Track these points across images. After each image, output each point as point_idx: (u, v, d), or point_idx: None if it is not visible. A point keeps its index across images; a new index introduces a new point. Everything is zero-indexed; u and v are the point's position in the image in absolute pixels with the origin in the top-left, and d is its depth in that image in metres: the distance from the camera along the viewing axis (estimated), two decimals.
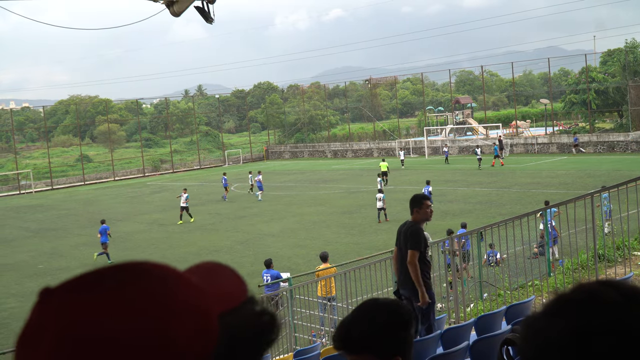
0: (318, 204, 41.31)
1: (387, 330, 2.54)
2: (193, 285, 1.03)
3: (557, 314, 1.13)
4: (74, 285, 0.96)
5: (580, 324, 1.09)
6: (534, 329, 1.15)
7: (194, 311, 0.98)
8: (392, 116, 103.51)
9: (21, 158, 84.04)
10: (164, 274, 1.02)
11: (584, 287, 1.16)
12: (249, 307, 1.13)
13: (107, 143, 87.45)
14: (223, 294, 1.10)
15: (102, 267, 0.99)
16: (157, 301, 0.95)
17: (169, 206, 46.59)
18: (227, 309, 1.08)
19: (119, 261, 1.02)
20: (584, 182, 39.88)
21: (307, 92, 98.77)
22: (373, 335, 2.52)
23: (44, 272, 29.05)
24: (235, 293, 1.13)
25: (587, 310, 1.10)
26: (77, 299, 0.94)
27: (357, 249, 26.72)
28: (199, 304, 1.00)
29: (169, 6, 10.90)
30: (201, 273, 1.13)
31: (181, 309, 0.97)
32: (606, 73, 68.22)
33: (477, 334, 8.21)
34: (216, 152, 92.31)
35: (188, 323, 0.96)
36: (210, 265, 1.17)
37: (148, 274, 1.00)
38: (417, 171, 55.56)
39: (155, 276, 1.00)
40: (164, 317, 0.94)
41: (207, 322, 1.00)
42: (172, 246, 32.23)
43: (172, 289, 0.99)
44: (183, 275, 1.05)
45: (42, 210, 51.96)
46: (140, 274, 0.99)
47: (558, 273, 14.27)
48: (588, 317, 1.09)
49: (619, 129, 65.37)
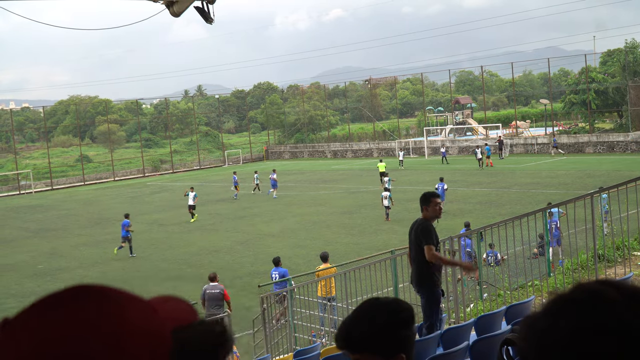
0: (318, 204, 41.32)
1: (388, 329, 2.55)
2: (147, 306, 1.09)
3: (558, 313, 1.13)
4: (31, 313, 1.00)
5: (581, 323, 1.09)
6: (534, 329, 1.15)
7: (147, 329, 1.03)
8: (392, 116, 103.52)
9: (21, 158, 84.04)
10: (118, 296, 1.06)
11: (583, 287, 1.16)
12: (198, 326, 1.23)
13: (107, 143, 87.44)
14: (174, 316, 1.17)
15: (59, 291, 1.04)
16: (111, 321, 0.99)
17: (168, 206, 46.60)
18: (179, 326, 1.16)
19: (76, 284, 1.05)
20: (583, 182, 39.89)
21: (307, 93, 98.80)
22: (374, 334, 2.53)
23: (43, 272, 29.05)
24: (185, 315, 1.21)
25: (587, 310, 1.10)
26: (33, 326, 0.98)
27: (357, 249, 26.73)
28: (152, 322, 1.06)
29: (169, 6, 10.90)
30: (157, 301, 1.19)
31: (134, 327, 1.01)
32: (606, 73, 68.21)
33: (477, 334, 8.21)
34: (216, 152, 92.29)
35: (141, 339, 1.01)
36: (162, 296, 1.24)
37: (102, 297, 1.03)
38: (417, 171, 55.55)
39: (109, 298, 1.04)
40: (117, 336, 0.98)
41: (159, 338, 1.05)
42: (172, 246, 32.23)
43: (126, 309, 1.03)
44: (137, 297, 1.10)
45: (42, 210, 51.96)
46: (94, 296, 1.03)
47: (558, 273, 14.27)
48: (588, 317, 1.09)
49: (618, 129, 65.39)
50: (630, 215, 12.08)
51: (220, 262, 27.74)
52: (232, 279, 24.74)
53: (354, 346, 2.56)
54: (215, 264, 27.33)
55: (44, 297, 1.03)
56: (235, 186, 48.54)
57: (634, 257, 13.88)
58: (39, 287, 26.18)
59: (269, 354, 15.24)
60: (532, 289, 13.07)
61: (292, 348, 15.09)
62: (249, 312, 19.57)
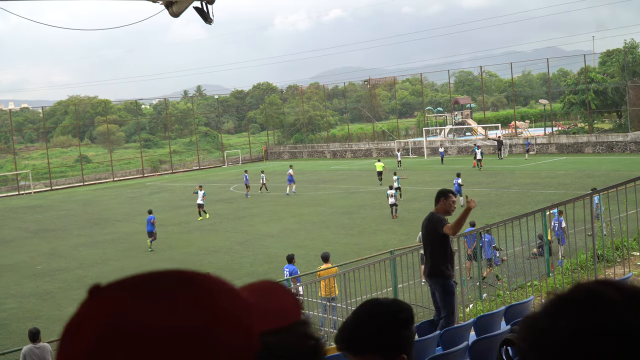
0: (317, 205, 41.32)
1: (388, 330, 2.55)
2: (240, 300, 1.05)
3: (557, 313, 1.13)
4: (123, 285, 0.99)
5: (581, 323, 1.09)
6: (533, 329, 1.15)
7: (236, 324, 1.00)
8: (391, 117, 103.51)
9: (20, 159, 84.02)
10: (213, 286, 1.03)
11: (583, 287, 1.16)
12: (297, 329, 1.16)
13: (106, 144, 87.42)
14: (273, 313, 1.12)
15: (154, 272, 1.02)
16: (201, 309, 0.97)
17: (168, 207, 46.59)
18: (274, 328, 1.10)
19: (176, 268, 1.04)
20: (583, 182, 39.89)
21: (306, 93, 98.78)
22: (375, 335, 2.53)
23: (42, 272, 29.04)
24: (286, 313, 1.14)
25: (587, 310, 1.10)
26: (123, 297, 0.97)
27: (356, 250, 26.73)
28: (242, 318, 1.02)
29: (168, 7, 10.90)
30: (256, 291, 1.15)
31: (224, 320, 0.99)
32: (605, 73, 68.23)
33: (477, 334, 8.21)
34: (215, 152, 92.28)
35: (228, 334, 0.98)
36: (267, 284, 1.19)
37: (197, 284, 1.01)
38: (416, 172, 55.54)
39: (203, 286, 1.01)
40: (204, 324, 0.96)
41: (248, 336, 1.01)
42: (172, 247, 32.23)
43: (218, 300, 1.01)
44: (232, 289, 1.07)
45: (41, 210, 51.96)
46: (189, 282, 1.01)
47: (557, 273, 14.28)
48: (588, 317, 1.09)
49: (617, 129, 65.41)
50: (629, 215, 12.08)
51: (220, 263, 27.75)
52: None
53: (355, 348, 2.57)
54: (215, 264, 27.34)
55: (139, 274, 1.02)
56: (246, 185, 48.81)
57: (633, 257, 13.89)
58: (38, 288, 26.19)
59: None
60: (532, 289, 13.08)
61: None
62: None
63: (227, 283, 1.07)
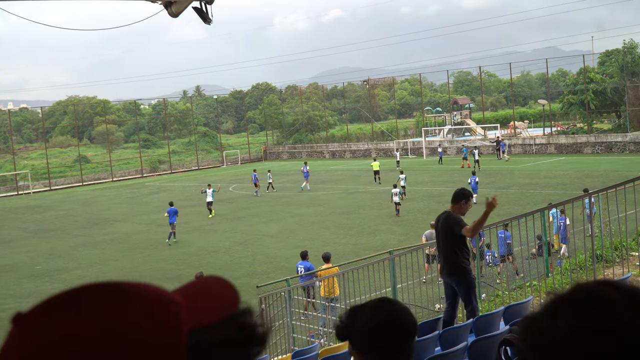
0: (316, 205, 41.32)
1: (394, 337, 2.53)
2: (163, 303, 1.06)
3: (557, 314, 1.13)
4: (43, 309, 1.01)
5: (580, 323, 1.09)
6: (533, 330, 1.15)
7: (158, 326, 1.01)
8: (390, 117, 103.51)
9: (19, 159, 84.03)
10: (130, 294, 1.04)
11: (582, 287, 1.16)
12: (235, 321, 1.16)
13: (105, 144, 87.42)
14: (208, 308, 1.12)
15: (74, 288, 1.03)
16: (118, 318, 0.99)
17: (167, 207, 46.54)
18: (208, 323, 1.10)
19: (94, 282, 1.05)
20: (582, 182, 39.85)
21: (305, 93, 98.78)
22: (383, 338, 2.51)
23: (42, 273, 29.03)
24: (222, 307, 1.15)
25: (586, 310, 1.10)
26: (45, 321, 0.99)
27: (355, 250, 26.73)
28: (166, 319, 1.03)
29: (167, 7, 10.90)
30: (192, 288, 1.16)
31: (143, 325, 1.00)
32: (604, 74, 68.26)
33: (476, 335, 8.21)
34: (214, 152, 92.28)
35: (150, 337, 1.00)
36: (204, 280, 1.20)
37: (112, 294, 1.03)
38: (415, 172, 55.53)
39: (119, 296, 1.03)
40: (123, 332, 0.98)
41: (173, 336, 1.03)
42: (171, 247, 32.23)
43: (135, 307, 1.02)
44: (154, 293, 1.07)
45: (40, 211, 51.94)
46: (105, 294, 1.02)
47: (556, 273, 14.27)
48: (588, 317, 1.09)
49: (617, 129, 65.44)
50: (628, 215, 12.09)
51: (219, 263, 27.75)
52: (231, 279, 24.51)
53: (357, 344, 2.55)
54: (214, 265, 27.34)
55: (57, 295, 1.03)
56: (255, 183, 49.27)
57: (632, 257, 13.88)
58: (38, 288, 26.17)
59: (267, 354, 15.24)
60: (531, 289, 13.08)
61: (290, 349, 15.08)
62: None
63: (148, 288, 1.08)
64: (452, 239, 9.95)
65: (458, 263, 9.95)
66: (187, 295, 1.12)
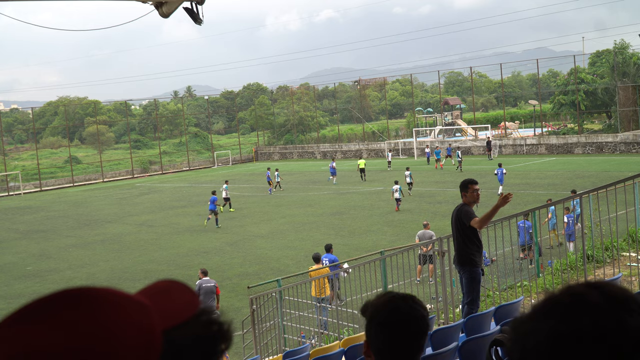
0: (307, 205, 41.31)
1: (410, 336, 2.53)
2: (135, 306, 1.08)
3: (544, 316, 1.14)
4: (13, 320, 1.02)
5: (560, 327, 1.11)
6: (521, 331, 1.16)
7: (135, 328, 1.04)
8: (381, 117, 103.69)
9: (10, 160, 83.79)
10: (103, 297, 1.05)
11: (570, 290, 1.16)
12: (200, 319, 1.19)
13: (96, 144, 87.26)
14: (172, 310, 1.15)
15: (42, 297, 1.05)
16: (96, 323, 1.00)
17: (158, 207, 46.51)
18: (176, 323, 1.14)
19: (61, 289, 1.06)
20: (573, 183, 40.00)
21: (296, 94, 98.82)
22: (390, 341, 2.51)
23: (32, 274, 28.93)
24: (185, 308, 1.18)
25: (567, 314, 1.11)
26: (16, 331, 1.00)
27: (346, 250, 26.71)
28: (140, 321, 1.05)
29: (158, 7, 10.87)
30: (152, 292, 1.18)
31: (120, 328, 1.02)
32: (595, 74, 68.49)
33: (467, 335, 8.22)
34: (205, 153, 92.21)
35: (128, 340, 1.02)
36: (163, 283, 1.22)
37: (86, 299, 1.04)
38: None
39: (93, 300, 1.04)
40: (102, 337, 0.99)
41: (149, 337, 1.05)
42: (161, 248, 32.16)
43: (111, 310, 1.03)
44: (124, 296, 1.09)
45: (31, 211, 51.77)
46: (78, 300, 1.04)
47: (547, 274, 14.30)
48: (568, 321, 1.11)
49: (607, 130, 65.67)
50: (619, 216, 12.12)
51: (210, 264, 27.68)
52: (222, 280, 24.69)
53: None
54: (205, 265, 27.19)
55: (26, 305, 1.04)
56: (269, 181, 50.07)
57: (623, 257, 13.92)
58: (28, 289, 26.07)
59: (259, 355, 15.23)
60: (521, 289, 13.10)
61: (281, 349, 15.07)
62: (238, 313, 19.55)
63: (117, 292, 1.09)
64: (462, 231, 10.34)
65: (466, 255, 10.30)
66: (150, 297, 1.14)
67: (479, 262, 10.42)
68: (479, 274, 10.42)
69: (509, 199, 9.63)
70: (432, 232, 21.94)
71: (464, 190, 10.46)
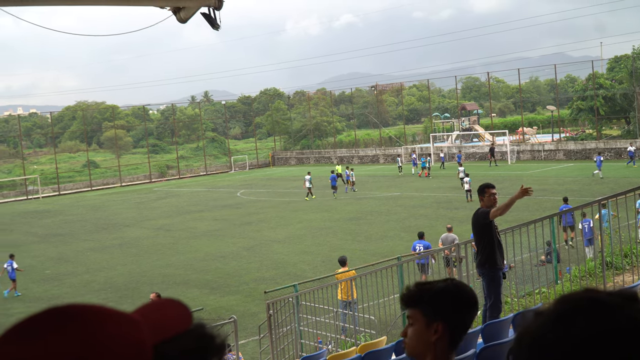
0: (324, 210, 41.30)
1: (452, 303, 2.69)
2: (123, 320, 1.11)
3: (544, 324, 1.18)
4: (5, 339, 1.05)
5: (577, 331, 1.12)
6: (530, 334, 1.18)
7: (123, 342, 1.07)
8: (398, 122, 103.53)
9: (28, 164, 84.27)
10: (91, 313, 1.09)
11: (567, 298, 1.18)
12: (192, 332, 1.22)
13: (114, 149, 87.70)
14: (164, 324, 1.19)
15: (29, 317, 1.08)
16: (84, 338, 1.04)
17: (175, 212, 46.66)
18: (167, 337, 1.17)
19: (48, 306, 1.10)
20: (591, 189, 39.78)
21: (313, 99, 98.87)
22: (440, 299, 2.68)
23: (50, 277, 29.11)
24: (177, 322, 1.21)
25: (584, 318, 1.12)
26: (5, 351, 1.02)
27: (363, 256, 26.67)
28: (129, 335, 1.09)
29: (176, 13, 10.91)
30: (146, 309, 1.22)
31: (109, 341, 1.05)
32: (613, 79, 68.07)
33: (484, 341, 8.18)
34: (222, 158, 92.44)
35: (117, 354, 1.05)
36: (158, 301, 1.26)
37: (74, 316, 1.07)
38: (423, 178, 55.56)
39: (81, 316, 1.07)
40: (92, 352, 1.03)
41: (138, 351, 1.08)
42: (179, 252, 32.25)
43: (100, 325, 1.07)
44: (112, 312, 1.12)
45: (49, 215, 52.08)
46: (66, 317, 1.07)
47: (565, 280, 14.21)
48: (583, 325, 1.12)
49: (626, 135, 65.20)
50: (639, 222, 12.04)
51: (227, 268, 27.75)
52: (238, 285, 24.74)
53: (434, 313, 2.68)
54: (222, 270, 27.35)
55: (19, 322, 1.07)
56: (347, 180, 51.98)
57: None
58: (46, 292, 26.24)
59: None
60: (540, 296, 13.03)
61: (298, 354, 15.06)
62: (255, 318, 19.58)
63: (105, 308, 1.12)
64: (481, 234, 10.46)
65: (487, 257, 10.37)
66: (143, 314, 1.18)
67: (500, 263, 10.44)
68: (499, 276, 10.45)
69: (528, 192, 9.68)
70: (455, 236, 21.90)
71: (482, 194, 10.55)
